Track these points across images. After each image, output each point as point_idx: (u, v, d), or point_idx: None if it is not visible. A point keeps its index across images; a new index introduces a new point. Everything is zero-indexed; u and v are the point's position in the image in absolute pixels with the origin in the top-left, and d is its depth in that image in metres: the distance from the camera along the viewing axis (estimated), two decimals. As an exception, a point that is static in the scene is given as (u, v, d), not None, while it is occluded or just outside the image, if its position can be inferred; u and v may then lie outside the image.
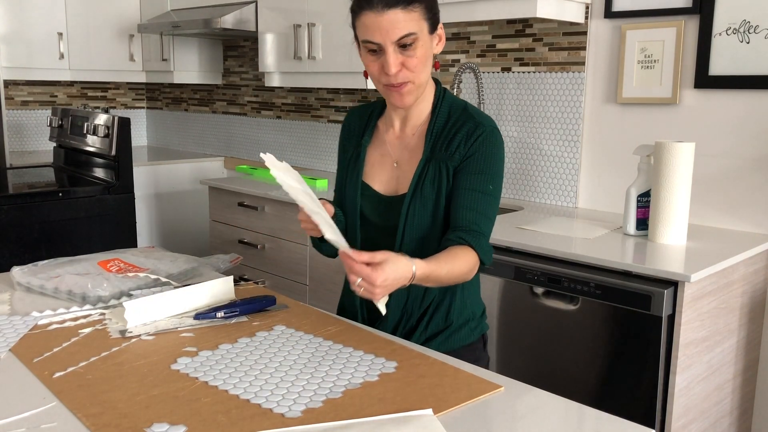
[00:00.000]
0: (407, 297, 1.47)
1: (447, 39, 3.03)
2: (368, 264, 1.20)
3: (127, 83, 4.92)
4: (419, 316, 1.49)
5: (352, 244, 1.46)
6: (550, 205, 2.83)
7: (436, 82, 1.51)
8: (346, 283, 1.59)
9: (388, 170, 1.50)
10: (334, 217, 1.44)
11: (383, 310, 1.29)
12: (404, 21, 1.31)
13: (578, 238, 2.22)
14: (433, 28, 1.39)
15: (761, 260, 2.26)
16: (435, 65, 1.46)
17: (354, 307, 1.57)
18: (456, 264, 1.33)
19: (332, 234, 1.28)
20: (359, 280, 1.20)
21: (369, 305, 1.53)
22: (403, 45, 1.33)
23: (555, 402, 1.16)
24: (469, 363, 1.30)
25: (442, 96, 1.48)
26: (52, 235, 3.10)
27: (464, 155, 1.41)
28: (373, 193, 1.50)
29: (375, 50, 1.35)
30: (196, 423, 1.04)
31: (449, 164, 1.42)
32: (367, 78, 1.45)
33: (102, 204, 3.24)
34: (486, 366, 1.57)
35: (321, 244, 1.54)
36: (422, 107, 1.47)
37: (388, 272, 1.20)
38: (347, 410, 1.09)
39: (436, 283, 1.34)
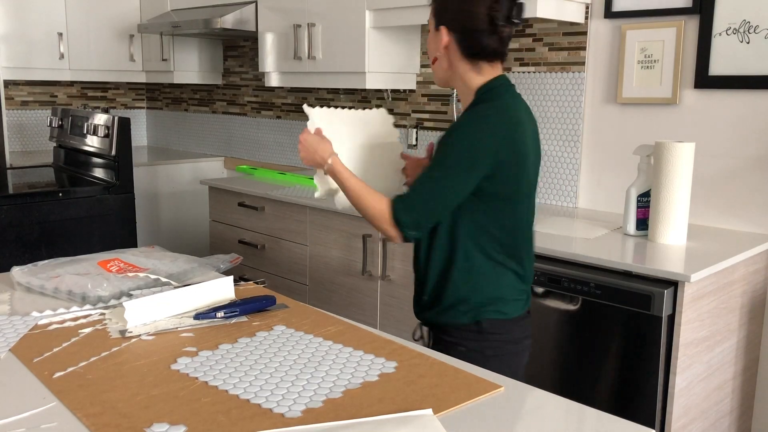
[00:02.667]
0: (422, 266, 1.65)
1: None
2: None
3: (127, 83, 4.91)
4: (431, 288, 1.63)
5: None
6: (550, 205, 2.83)
7: None
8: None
9: None
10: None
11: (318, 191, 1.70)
12: None
13: (578, 238, 2.22)
14: None
15: (761, 260, 2.26)
16: (433, 60, 1.68)
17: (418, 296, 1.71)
18: (366, 194, 1.57)
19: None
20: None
21: (417, 298, 1.71)
22: None
23: (555, 402, 1.16)
24: (455, 342, 1.57)
25: None
26: (52, 235, 3.10)
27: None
28: None
29: None
30: (196, 423, 1.04)
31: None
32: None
33: (102, 204, 3.24)
34: (481, 351, 1.55)
35: None
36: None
37: (309, 139, 1.64)
38: (347, 410, 1.09)
39: (343, 188, 1.62)
